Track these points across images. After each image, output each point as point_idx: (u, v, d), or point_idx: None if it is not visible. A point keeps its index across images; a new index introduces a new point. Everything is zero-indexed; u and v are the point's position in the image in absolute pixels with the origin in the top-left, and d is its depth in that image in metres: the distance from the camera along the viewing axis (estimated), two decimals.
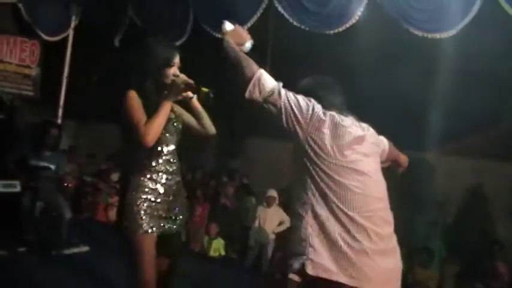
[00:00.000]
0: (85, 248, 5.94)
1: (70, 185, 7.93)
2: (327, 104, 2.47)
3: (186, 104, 3.14)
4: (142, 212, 2.89)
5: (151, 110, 2.83)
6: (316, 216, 2.33)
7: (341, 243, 2.27)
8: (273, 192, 7.58)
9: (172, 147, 3.04)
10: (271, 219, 7.39)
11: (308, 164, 2.38)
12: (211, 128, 3.23)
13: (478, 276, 6.16)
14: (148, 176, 2.95)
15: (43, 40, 8.83)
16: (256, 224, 7.44)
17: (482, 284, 6.06)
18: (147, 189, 2.93)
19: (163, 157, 2.99)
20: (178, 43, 7.01)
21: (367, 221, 2.31)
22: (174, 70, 2.95)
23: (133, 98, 2.84)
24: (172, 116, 3.01)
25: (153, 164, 2.96)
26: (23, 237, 5.78)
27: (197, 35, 6.98)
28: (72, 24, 8.70)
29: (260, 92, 2.40)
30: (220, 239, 7.51)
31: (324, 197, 2.34)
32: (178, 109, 3.15)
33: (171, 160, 3.03)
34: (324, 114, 2.39)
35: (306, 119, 2.35)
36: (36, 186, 5.90)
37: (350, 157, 2.37)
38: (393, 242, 2.43)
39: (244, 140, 9.76)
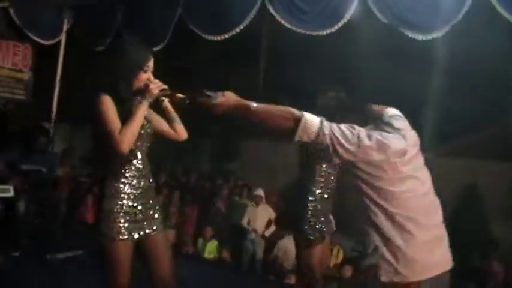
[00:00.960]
0: (79, 252, 5.91)
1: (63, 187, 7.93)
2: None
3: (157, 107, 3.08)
4: (119, 219, 2.87)
5: (124, 115, 2.77)
6: (380, 229, 2.50)
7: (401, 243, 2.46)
8: (259, 192, 7.67)
9: (145, 150, 3.00)
10: (261, 218, 7.43)
11: (363, 186, 2.50)
12: (182, 132, 3.19)
13: (472, 275, 6.17)
14: (122, 181, 2.90)
15: (35, 44, 8.80)
16: (245, 222, 7.49)
17: (475, 284, 6.06)
18: (122, 195, 2.89)
19: (137, 162, 2.94)
20: (160, 46, 7.00)
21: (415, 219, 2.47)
22: (147, 74, 2.87)
23: (107, 103, 2.76)
24: (145, 122, 2.93)
25: (127, 169, 2.91)
26: (17, 242, 5.76)
27: (180, 37, 6.96)
28: (65, 28, 8.67)
29: (308, 136, 2.42)
30: (214, 240, 7.51)
31: (383, 210, 2.48)
32: (149, 112, 3.04)
33: (144, 164, 2.98)
34: (369, 137, 2.41)
35: (355, 147, 2.39)
36: (29, 190, 5.89)
37: (403, 169, 2.46)
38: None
39: (240, 142, 9.77)
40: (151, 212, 3.01)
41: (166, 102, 3.06)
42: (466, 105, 6.04)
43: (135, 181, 2.93)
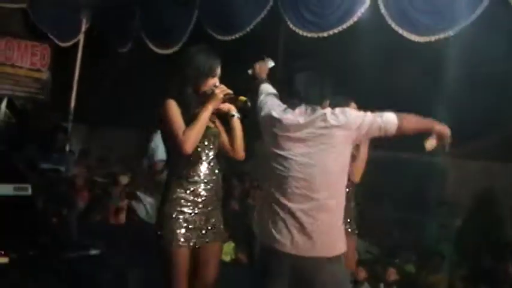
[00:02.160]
0: (95, 251, 5.96)
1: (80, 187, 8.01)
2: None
3: (225, 121, 3.13)
4: (178, 224, 2.88)
5: (189, 119, 2.83)
6: None
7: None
8: None
9: (211, 156, 3.00)
10: None
11: None
12: (241, 152, 3.19)
13: (487, 279, 6.12)
14: (185, 186, 2.91)
15: (54, 44, 8.86)
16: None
17: (490, 286, 6.02)
18: (183, 201, 2.90)
19: (202, 167, 2.95)
20: (176, 47, 7.05)
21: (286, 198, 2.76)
22: (215, 80, 2.95)
23: (172, 107, 2.84)
24: (212, 125, 3.00)
25: (191, 174, 2.93)
26: (34, 240, 5.81)
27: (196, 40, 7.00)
28: (83, 28, 8.73)
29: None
30: (230, 242, 7.51)
31: None
32: (218, 124, 3.11)
33: (210, 169, 2.99)
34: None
35: None
36: (47, 188, 5.94)
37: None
38: None
39: (255, 143, 9.78)
40: (212, 221, 3.02)
41: (236, 119, 3.09)
42: (484, 106, 5.99)
43: (200, 187, 2.94)
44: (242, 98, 2.96)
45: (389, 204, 7.51)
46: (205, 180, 2.96)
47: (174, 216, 2.88)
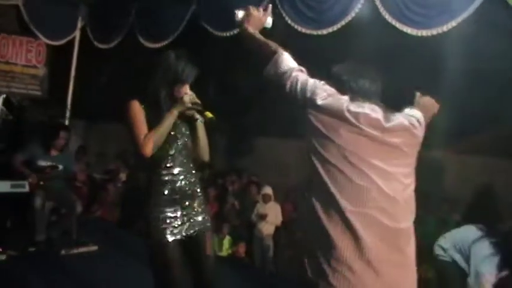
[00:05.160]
0: (94, 248, 5.95)
1: (80, 183, 8.00)
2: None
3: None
4: (164, 221, 2.91)
5: (159, 122, 2.84)
6: None
7: None
8: (268, 190, 7.61)
9: (184, 152, 3.03)
10: (270, 215, 7.39)
11: None
12: (205, 156, 3.18)
13: None
14: (162, 185, 2.95)
15: None
16: (254, 219, 7.47)
17: None
18: (166, 197, 2.94)
19: (175, 163, 2.98)
20: (169, 40, 7.03)
21: None
22: (186, 87, 2.97)
23: (135, 108, 2.86)
24: (183, 131, 3.03)
25: (171, 169, 2.96)
26: (33, 238, 5.80)
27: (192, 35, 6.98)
28: (79, 25, 8.69)
29: (275, 71, 2.36)
30: (228, 237, 7.52)
31: None
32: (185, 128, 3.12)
33: (185, 165, 3.02)
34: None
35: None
36: (45, 186, 5.92)
37: None
38: None
39: (253, 139, 9.77)
40: (197, 213, 3.04)
41: (199, 123, 3.08)
42: (485, 102, 5.99)
43: (175, 184, 2.96)
44: (209, 114, 2.98)
45: None
46: (181, 176, 2.99)
47: (156, 216, 2.91)
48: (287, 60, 2.37)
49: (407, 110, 2.43)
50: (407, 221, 2.17)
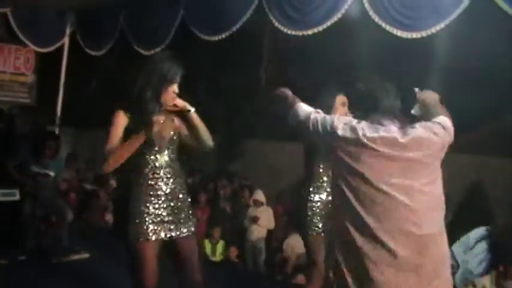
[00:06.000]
0: (85, 255, 5.92)
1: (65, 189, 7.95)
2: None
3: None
4: (144, 220, 2.92)
5: (144, 123, 2.87)
6: None
7: None
8: (259, 196, 7.59)
9: (170, 152, 3.06)
10: (262, 219, 7.38)
11: None
12: (208, 142, 3.20)
13: None
14: (148, 183, 2.97)
15: None
16: (247, 223, 7.46)
17: None
18: (147, 197, 2.96)
19: (162, 163, 3.00)
20: (161, 46, 7.03)
21: None
22: (174, 87, 2.98)
23: (117, 119, 2.92)
24: (171, 128, 3.06)
25: (151, 174, 2.99)
26: (23, 246, 5.77)
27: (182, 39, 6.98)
28: (67, 32, 8.65)
29: (296, 121, 2.62)
30: (221, 241, 7.50)
31: None
32: (177, 121, 3.14)
33: (170, 164, 3.04)
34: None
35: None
36: (36, 194, 5.89)
37: None
38: None
39: (243, 143, 9.74)
40: (180, 216, 3.06)
41: (193, 113, 3.09)
42: (472, 100, 6.00)
43: (160, 185, 2.99)
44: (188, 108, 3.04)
45: None
46: (167, 178, 3.01)
47: (138, 213, 2.94)
48: (303, 107, 2.64)
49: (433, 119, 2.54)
50: (434, 226, 2.41)
